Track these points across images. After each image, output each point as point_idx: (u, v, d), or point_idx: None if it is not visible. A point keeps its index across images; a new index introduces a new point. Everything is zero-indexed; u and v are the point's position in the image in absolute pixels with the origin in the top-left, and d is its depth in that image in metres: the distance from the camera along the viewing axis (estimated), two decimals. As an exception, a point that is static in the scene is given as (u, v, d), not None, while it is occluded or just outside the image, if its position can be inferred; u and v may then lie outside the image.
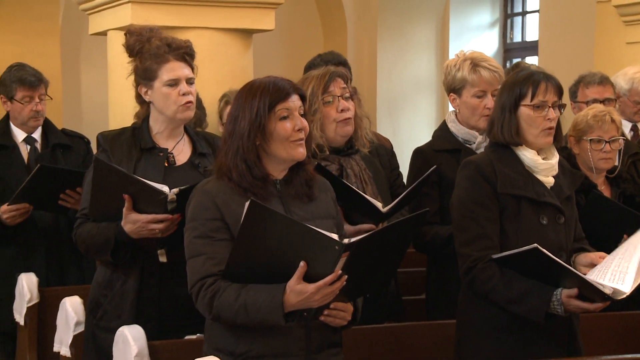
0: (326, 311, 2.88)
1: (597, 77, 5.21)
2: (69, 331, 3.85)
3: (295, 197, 3.01)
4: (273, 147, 2.96)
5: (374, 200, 3.61)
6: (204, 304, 2.88)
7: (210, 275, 2.87)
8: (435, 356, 3.61)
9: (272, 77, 3.03)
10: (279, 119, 2.94)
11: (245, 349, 2.92)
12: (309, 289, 2.73)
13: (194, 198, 2.99)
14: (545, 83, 3.33)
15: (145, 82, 3.56)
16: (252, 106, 2.94)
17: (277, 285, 2.78)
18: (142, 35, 3.60)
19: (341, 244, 2.70)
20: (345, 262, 2.73)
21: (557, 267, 3.13)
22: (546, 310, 3.19)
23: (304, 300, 2.76)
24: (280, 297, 2.77)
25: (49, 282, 4.62)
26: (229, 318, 2.85)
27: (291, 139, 2.95)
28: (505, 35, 9.36)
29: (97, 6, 5.49)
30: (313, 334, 2.96)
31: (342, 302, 2.91)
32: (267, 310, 2.78)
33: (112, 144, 3.58)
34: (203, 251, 2.90)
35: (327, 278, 2.72)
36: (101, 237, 3.46)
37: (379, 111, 9.02)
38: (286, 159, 2.99)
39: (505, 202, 3.31)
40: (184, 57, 3.58)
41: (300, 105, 3.00)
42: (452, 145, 4.06)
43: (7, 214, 4.51)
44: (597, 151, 4.25)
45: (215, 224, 2.91)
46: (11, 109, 4.77)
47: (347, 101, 3.76)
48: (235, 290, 2.83)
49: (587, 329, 3.63)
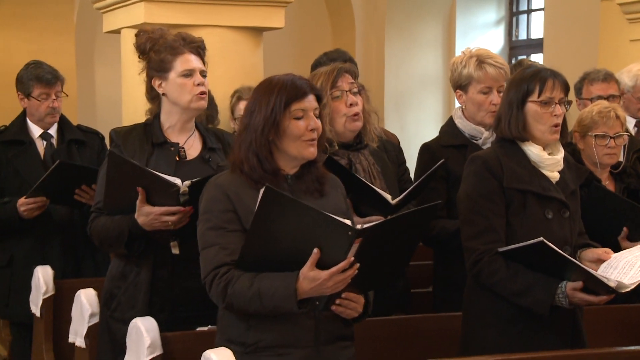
0: (337, 300, 2.90)
1: (601, 74, 5.22)
2: (84, 322, 3.88)
3: (306, 192, 3.03)
4: (285, 144, 2.98)
5: (383, 192, 3.63)
6: (218, 293, 2.90)
7: (224, 264, 2.89)
8: (442, 348, 3.61)
9: (291, 75, 3.04)
10: (293, 117, 2.96)
11: (256, 340, 2.94)
12: (321, 276, 2.76)
13: (207, 191, 3.02)
14: (552, 80, 3.36)
15: (159, 74, 3.61)
16: (268, 102, 2.96)
17: (291, 273, 2.80)
18: (152, 34, 3.66)
19: (354, 229, 2.72)
20: (358, 248, 2.74)
21: (563, 260, 3.15)
22: (551, 302, 3.21)
23: (317, 287, 2.78)
24: (293, 284, 2.79)
25: (64, 275, 4.64)
26: (243, 306, 2.87)
27: (303, 138, 2.97)
28: (511, 32, 9.35)
29: (111, 5, 5.52)
30: (323, 325, 2.98)
31: (354, 293, 2.93)
32: (280, 297, 2.80)
33: (124, 140, 3.63)
34: (216, 242, 2.92)
35: (340, 264, 2.74)
36: (115, 230, 3.51)
37: (386, 108, 9.04)
38: (296, 157, 3.02)
39: (511, 196, 3.34)
40: (198, 50, 3.65)
41: (316, 107, 3.02)
42: (458, 140, 4.09)
43: (24, 207, 4.54)
44: (602, 147, 4.27)
45: (227, 215, 2.93)
46: (28, 105, 4.79)
47: (355, 96, 3.78)
48: (248, 279, 2.85)
49: (591, 321, 3.64)
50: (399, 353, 3.53)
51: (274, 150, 3.01)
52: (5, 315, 5.00)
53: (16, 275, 4.75)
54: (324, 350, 2.99)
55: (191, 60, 3.61)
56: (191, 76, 3.59)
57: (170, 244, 3.54)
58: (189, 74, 3.59)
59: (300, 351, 2.94)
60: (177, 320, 3.55)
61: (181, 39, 3.63)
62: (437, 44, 9.29)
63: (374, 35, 9.25)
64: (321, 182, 3.09)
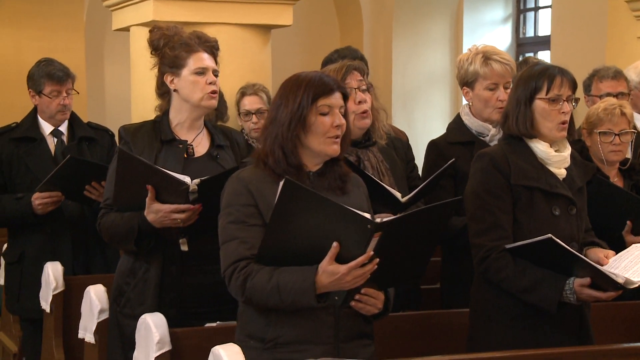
0: (357, 296, 2.88)
1: (611, 72, 5.20)
2: (93, 318, 3.90)
3: (328, 190, 3.01)
4: (309, 140, 2.98)
5: (393, 189, 3.64)
6: (237, 287, 2.89)
7: (243, 258, 2.89)
8: (450, 344, 3.62)
9: (319, 72, 3.06)
10: (319, 113, 2.96)
11: (275, 335, 2.93)
12: (340, 270, 2.75)
13: (229, 185, 3.01)
14: (560, 77, 3.36)
15: (172, 70, 3.63)
16: (295, 97, 2.95)
17: (310, 267, 2.79)
18: (167, 31, 3.68)
19: (373, 222, 2.71)
20: (377, 243, 2.73)
21: (571, 256, 3.16)
22: (559, 299, 3.21)
23: (336, 282, 2.77)
24: (312, 278, 2.78)
25: (75, 271, 4.66)
26: (261, 300, 2.87)
27: (328, 134, 2.97)
28: (518, 30, 9.36)
29: (120, 2, 5.54)
30: (343, 322, 2.97)
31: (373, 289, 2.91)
32: (299, 291, 2.79)
33: (133, 136, 3.65)
34: (236, 235, 2.92)
35: (359, 258, 2.73)
36: (125, 227, 3.52)
37: (394, 105, 9.05)
38: (320, 153, 3.01)
39: (518, 193, 3.34)
40: (212, 50, 3.68)
41: (342, 105, 3.02)
42: (465, 137, 4.09)
43: (39, 200, 4.55)
44: (607, 143, 4.26)
45: (248, 209, 2.93)
46: (39, 102, 4.80)
47: (364, 93, 3.78)
48: (267, 273, 2.84)
49: (598, 318, 3.64)
50: (407, 349, 3.53)
51: (298, 145, 3.00)
52: (15, 310, 5.02)
53: (27, 271, 4.77)
54: (343, 347, 2.97)
55: (205, 59, 3.63)
56: (204, 74, 3.62)
57: (179, 241, 3.55)
58: (202, 72, 3.62)
59: (319, 348, 2.93)
60: (186, 316, 3.57)
61: (196, 37, 3.66)
62: (445, 41, 9.30)
63: (381, 32, 9.26)
64: (343, 180, 3.09)
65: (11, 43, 7.97)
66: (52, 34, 7.90)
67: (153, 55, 3.72)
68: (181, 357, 3.38)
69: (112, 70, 9.76)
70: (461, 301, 3.79)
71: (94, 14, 9.13)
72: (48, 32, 7.89)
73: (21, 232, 4.79)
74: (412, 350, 3.53)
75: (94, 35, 9.35)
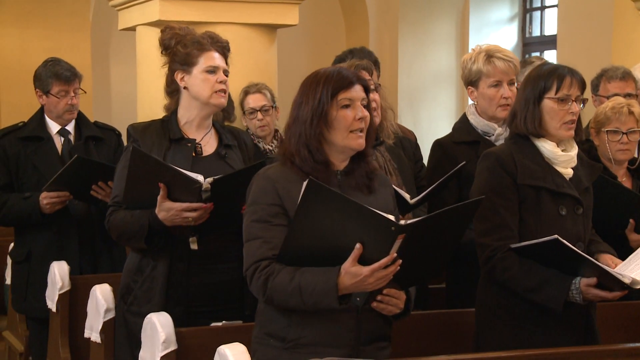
0: (379, 297, 2.88)
1: (619, 72, 5.19)
2: (99, 318, 3.91)
3: (355, 189, 3.00)
4: (333, 135, 2.96)
5: (401, 190, 3.64)
6: (258, 286, 2.88)
7: (265, 258, 2.88)
8: (456, 344, 3.63)
9: (339, 66, 3.05)
10: (340, 107, 2.94)
11: (297, 336, 2.92)
12: (363, 272, 2.73)
13: (255, 183, 2.99)
14: (570, 77, 3.36)
15: (184, 68, 3.65)
16: (315, 93, 2.94)
17: (332, 268, 2.78)
18: (179, 31, 3.70)
19: (398, 225, 2.70)
20: (401, 245, 2.72)
21: (577, 257, 3.16)
22: (565, 298, 3.21)
23: (358, 283, 2.76)
24: (334, 279, 2.76)
25: (81, 270, 4.67)
26: (282, 300, 2.85)
27: (351, 128, 2.95)
28: (524, 29, 9.35)
29: (126, 2, 5.56)
30: (364, 325, 2.95)
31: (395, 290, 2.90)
32: (321, 292, 2.78)
33: (142, 135, 3.66)
34: (260, 235, 2.91)
35: (383, 260, 2.72)
36: (135, 224, 3.53)
37: (400, 104, 9.05)
38: (345, 147, 2.98)
39: (524, 193, 3.34)
40: (223, 50, 3.70)
41: (364, 97, 3.00)
42: (471, 137, 4.10)
43: (47, 199, 4.55)
44: (615, 142, 4.26)
45: (274, 209, 2.91)
46: (47, 102, 4.80)
47: (372, 93, 3.81)
48: (289, 273, 2.83)
49: (604, 318, 3.65)
50: (413, 348, 3.54)
51: (323, 142, 2.98)
52: (22, 309, 5.04)
53: (33, 270, 4.77)
54: (363, 350, 2.96)
55: (216, 58, 3.66)
56: (214, 73, 3.64)
57: (189, 239, 3.56)
58: (213, 70, 3.64)
59: (339, 351, 2.90)
60: (193, 315, 3.59)
61: (209, 37, 3.69)
62: (451, 40, 9.30)
63: (387, 32, 9.26)
64: (370, 177, 3.07)
65: (17, 43, 7.99)
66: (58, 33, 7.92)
67: (163, 55, 3.74)
68: (187, 356, 3.38)
69: (118, 69, 9.77)
70: (467, 301, 3.79)
71: (100, 13, 9.14)
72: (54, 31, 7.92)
73: (28, 231, 4.80)
74: (419, 350, 3.54)
75: (99, 34, 9.36)
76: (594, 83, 5.29)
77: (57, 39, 7.85)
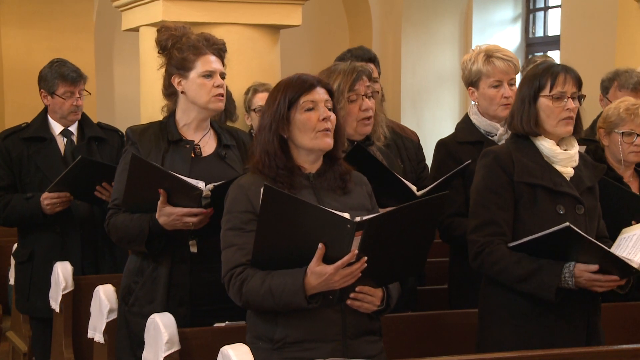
0: (352, 294, 2.92)
1: (631, 83, 5.14)
2: (102, 318, 3.91)
3: (328, 189, 3.05)
4: (300, 139, 3.02)
5: (409, 182, 3.64)
6: (234, 292, 2.97)
7: (240, 265, 2.96)
8: (459, 344, 3.62)
9: (300, 73, 3.10)
10: (304, 110, 3.01)
11: (283, 335, 2.97)
12: (327, 270, 2.80)
13: (230, 192, 3.07)
14: (563, 74, 3.37)
15: (180, 72, 3.63)
16: (275, 100, 3.03)
17: (299, 269, 2.86)
18: (175, 32, 3.68)
19: (352, 222, 2.75)
20: (361, 241, 2.77)
21: (589, 245, 3.15)
22: (557, 284, 3.21)
23: (324, 282, 2.83)
24: (301, 280, 2.84)
25: (84, 271, 4.67)
26: (257, 303, 2.94)
27: (317, 128, 3.01)
28: (528, 29, 9.35)
29: (129, 3, 5.57)
30: (349, 319, 3.00)
31: (369, 287, 2.94)
32: (289, 292, 2.85)
33: (140, 137, 3.65)
34: (234, 242, 2.99)
35: (344, 258, 2.78)
36: (135, 229, 3.52)
37: (403, 104, 9.06)
38: (313, 149, 3.04)
39: (520, 190, 3.34)
40: (220, 52, 3.68)
41: (327, 99, 3.06)
42: (474, 137, 4.10)
43: (48, 200, 4.55)
44: (628, 144, 4.22)
45: (246, 216, 2.98)
46: (51, 103, 4.80)
47: (369, 100, 3.79)
48: (260, 277, 2.91)
49: (609, 319, 3.63)
50: (416, 349, 3.54)
51: (291, 147, 3.05)
52: (25, 310, 5.04)
53: (36, 270, 4.78)
54: (351, 344, 3.00)
55: (212, 62, 3.63)
56: (211, 77, 3.62)
57: (189, 242, 3.56)
58: (210, 74, 3.62)
59: (327, 345, 2.96)
60: (197, 314, 3.58)
61: (204, 40, 3.66)
62: (454, 41, 9.30)
63: (390, 32, 9.27)
64: (344, 179, 3.11)
65: (21, 43, 7.99)
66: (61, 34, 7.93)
67: (160, 55, 3.73)
68: (190, 357, 3.39)
69: (122, 70, 9.79)
70: (469, 301, 3.80)
71: (104, 14, 9.16)
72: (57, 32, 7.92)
73: (30, 232, 4.81)
74: (421, 350, 3.54)
75: (103, 35, 9.38)
76: (604, 84, 5.26)
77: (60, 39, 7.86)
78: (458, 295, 4.13)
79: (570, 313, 3.31)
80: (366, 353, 3.03)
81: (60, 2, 8.00)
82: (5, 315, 6.10)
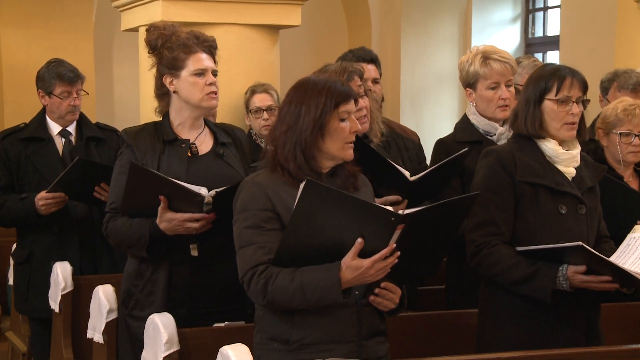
0: (376, 290, 2.93)
1: (630, 84, 5.15)
2: (102, 318, 3.91)
3: (341, 187, 3.03)
4: (329, 145, 3.01)
5: (401, 168, 3.66)
6: (257, 291, 2.91)
7: (262, 263, 2.91)
8: (458, 344, 3.63)
9: (333, 78, 3.09)
10: (340, 119, 3.00)
11: (300, 337, 2.95)
12: (364, 264, 2.79)
13: (244, 190, 3.02)
14: (570, 78, 3.36)
15: (171, 72, 3.62)
16: (318, 103, 2.98)
17: (331, 264, 2.84)
18: (164, 31, 3.67)
19: (397, 214, 2.75)
20: (400, 235, 2.77)
21: (600, 262, 3.14)
22: (553, 287, 3.22)
23: (359, 276, 2.82)
24: (337, 274, 2.82)
25: (82, 271, 4.67)
26: (284, 301, 2.89)
27: (347, 140, 3.02)
28: (527, 30, 9.35)
29: (129, 3, 5.56)
30: (364, 320, 3.00)
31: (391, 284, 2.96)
32: (324, 288, 2.83)
33: (135, 139, 3.64)
34: (254, 240, 2.94)
35: (383, 251, 2.79)
36: (136, 234, 3.51)
37: (402, 104, 9.07)
38: (336, 157, 3.04)
39: (522, 190, 3.34)
40: (210, 50, 3.67)
41: (355, 110, 3.07)
42: (473, 137, 4.11)
43: (42, 201, 4.55)
44: (627, 144, 4.24)
45: (266, 214, 2.95)
46: (49, 103, 4.80)
47: (362, 99, 3.79)
48: (289, 274, 2.87)
49: (609, 319, 3.64)
50: (416, 349, 3.55)
51: (315, 150, 3.03)
52: (24, 310, 5.04)
53: (35, 271, 4.78)
54: (365, 345, 3.01)
55: (203, 60, 3.62)
56: (203, 75, 3.61)
57: (189, 246, 3.55)
58: (202, 73, 3.61)
59: (343, 347, 2.96)
60: (196, 316, 3.58)
61: (194, 38, 3.64)
62: (453, 41, 9.31)
63: (390, 32, 9.27)
64: (355, 176, 3.13)
65: (20, 43, 8.00)
66: (60, 34, 7.93)
67: (150, 56, 3.71)
68: (189, 357, 3.39)
69: (121, 70, 9.78)
70: (465, 302, 3.81)
71: (103, 14, 9.16)
72: (57, 32, 7.92)
73: (29, 233, 4.81)
74: (421, 350, 3.54)
75: (102, 35, 9.38)
76: (603, 85, 5.26)
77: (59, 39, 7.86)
78: (455, 296, 4.14)
79: (570, 313, 3.31)
80: (377, 354, 3.04)
81: (59, 3, 8.00)
82: (4, 316, 6.11)
